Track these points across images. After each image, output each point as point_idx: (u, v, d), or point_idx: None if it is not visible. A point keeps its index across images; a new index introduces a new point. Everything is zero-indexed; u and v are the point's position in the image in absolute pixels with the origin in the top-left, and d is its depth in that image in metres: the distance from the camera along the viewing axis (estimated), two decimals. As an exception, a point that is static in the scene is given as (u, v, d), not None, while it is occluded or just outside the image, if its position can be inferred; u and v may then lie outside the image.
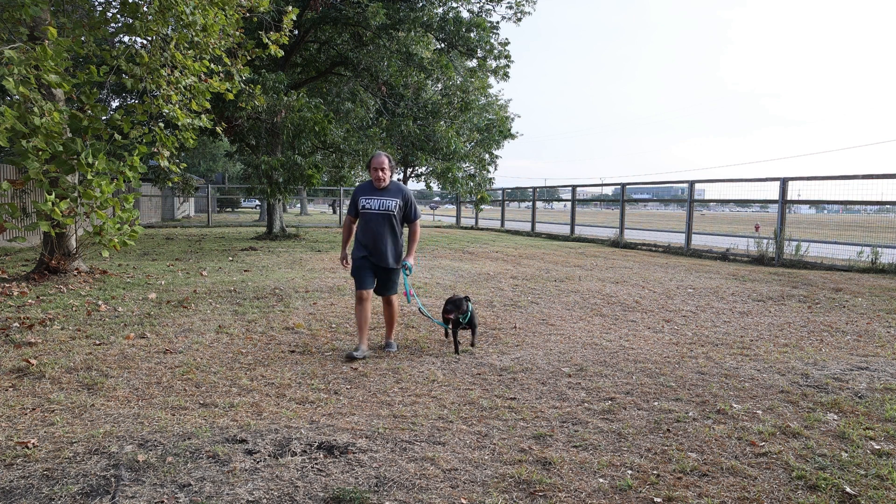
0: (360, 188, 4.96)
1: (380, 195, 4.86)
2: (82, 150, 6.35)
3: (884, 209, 13.60)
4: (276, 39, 8.67)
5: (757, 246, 11.94)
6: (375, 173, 4.83)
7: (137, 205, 21.40)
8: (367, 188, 4.93)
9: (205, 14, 7.22)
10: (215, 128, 10.29)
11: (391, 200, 4.85)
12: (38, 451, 2.95)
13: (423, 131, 15.13)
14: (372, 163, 4.90)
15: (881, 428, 3.35)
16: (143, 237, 15.55)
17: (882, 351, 5.07)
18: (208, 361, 4.52)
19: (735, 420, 3.48)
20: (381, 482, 2.70)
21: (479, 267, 10.30)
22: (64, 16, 7.56)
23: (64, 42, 6.02)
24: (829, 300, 7.40)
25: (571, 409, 3.64)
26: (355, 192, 4.97)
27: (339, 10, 14.76)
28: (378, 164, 4.84)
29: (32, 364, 4.26)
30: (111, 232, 6.70)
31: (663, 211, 40.19)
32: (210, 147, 38.36)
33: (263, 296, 7.10)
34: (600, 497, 2.59)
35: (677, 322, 6.16)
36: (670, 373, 4.38)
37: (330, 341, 5.17)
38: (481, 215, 25.03)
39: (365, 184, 5.00)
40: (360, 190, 4.96)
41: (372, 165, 4.89)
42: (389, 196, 4.86)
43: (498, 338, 5.39)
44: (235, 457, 2.92)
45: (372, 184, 4.92)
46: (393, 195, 4.89)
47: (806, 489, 2.68)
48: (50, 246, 8.08)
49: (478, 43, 15.27)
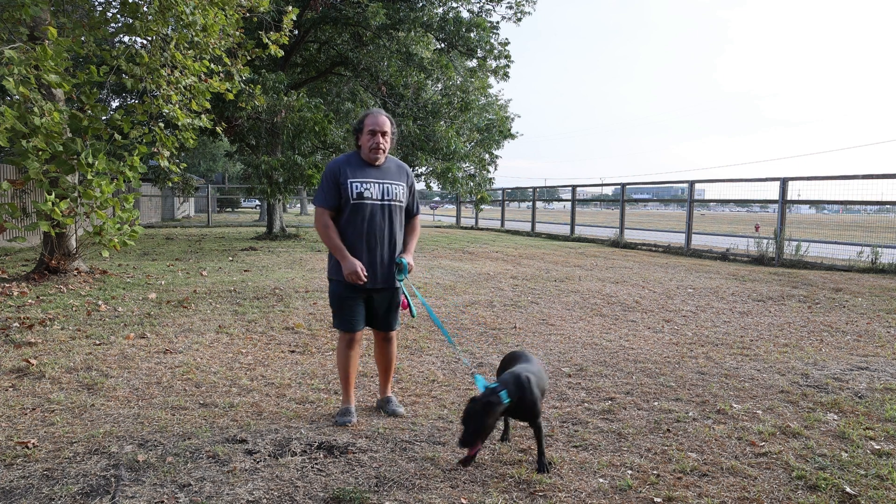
0: (341, 163, 3.29)
1: (379, 177, 3.32)
2: (82, 150, 6.35)
3: (884, 209, 13.60)
4: (276, 39, 8.67)
5: (757, 246, 11.94)
6: (373, 139, 3.25)
7: (137, 205, 21.40)
8: (354, 164, 3.29)
9: (205, 14, 7.22)
10: (215, 128, 10.29)
11: (397, 185, 3.35)
12: (38, 451, 2.95)
13: (423, 131, 15.12)
14: (366, 122, 3.26)
15: (881, 428, 3.35)
16: (143, 237, 15.55)
17: (882, 351, 5.07)
18: (208, 361, 4.52)
19: (735, 420, 3.48)
20: (381, 482, 2.70)
21: (479, 267, 10.30)
22: (64, 16, 7.56)
23: (64, 42, 6.02)
24: (829, 300, 7.40)
25: (571, 409, 3.64)
26: (334, 170, 3.27)
27: (339, 10, 14.75)
28: (377, 125, 3.24)
29: (32, 364, 4.26)
30: (111, 232, 6.70)
31: (663, 211, 40.18)
32: (210, 147, 38.34)
33: (263, 296, 7.10)
34: (600, 497, 2.59)
35: (677, 322, 6.16)
36: (670, 373, 4.38)
37: (330, 341, 5.17)
38: (481, 215, 25.03)
39: (349, 157, 3.32)
40: (342, 166, 3.27)
41: (366, 126, 3.25)
42: (392, 179, 3.36)
43: (498, 338, 5.39)
44: (235, 457, 2.92)
45: (360, 158, 3.32)
46: (396, 177, 3.38)
47: (806, 489, 2.68)
48: (50, 246, 8.08)
49: (478, 43, 15.27)
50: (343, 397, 3.51)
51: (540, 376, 2.90)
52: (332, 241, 3.26)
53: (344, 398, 3.51)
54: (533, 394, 2.77)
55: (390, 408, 3.55)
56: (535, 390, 2.78)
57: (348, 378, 3.45)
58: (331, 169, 3.29)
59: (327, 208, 3.27)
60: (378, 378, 3.75)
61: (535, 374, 2.86)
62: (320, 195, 3.29)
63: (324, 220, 3.28)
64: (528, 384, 2.77)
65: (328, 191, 3.26)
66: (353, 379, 3.47)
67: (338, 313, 3.37)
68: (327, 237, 3.27)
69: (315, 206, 3.32)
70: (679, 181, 15.88)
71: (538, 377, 2.87)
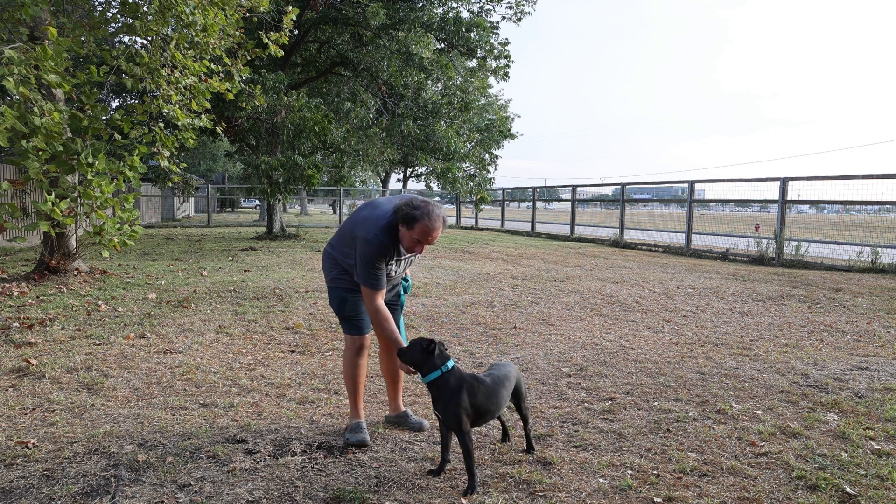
0: (382, 250, 2.94)
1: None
2: (82, 150, 6.35)
3: (884, 209, 13.61)
4: (276, 39, 8.67)
5: (757, 246, 11.94)
6: (419, 246, 2.97)
7: (137, 205, 21.41)
8: (389, 249, 2.98)
9: (205, 14, 7.22)
10: (215, 128, 10.29)
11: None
12: (38, 451, 2.95)
13: (423, 131, 15.13)
14: (418, 229, 2.87)
15: (881, 428, 3.35)
16: (143, 237, 15.55)
17: (882, 351, 5.07)
18: (208, 361, 4.52)
19: (735, 420, 3.48)
20: (381, 482, 2.70)
21: (479, 267, 10.31)
22: (64, 16, 7.56)
23: (64, 42, 6.02)
24: (829, 300, 7.40)
25: (571, 409, 3.64)
26: (380, 256, 2.95)
27: (339, 10, 14.76)
28: (432, 238, 2.92)
29: (32, 364, 4.26)
30: (111, 232, 6.70)
31: (663, 211, 40.20)
32: (210, 147, 38.37)
33: (263, 296, 7.10)
34: (600, 497, 2.59)
35: (677, 322, 6.16)
36: (670, 373, 4.38)
37: (330, 341, 5.17)
38: (481, 215, 25.03)
39: (385, 243, 2.95)
40: (383, 252, 2.95)
41: (418, 233, 2.88)
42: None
43: (498, 338, 5.39)
44: (235, 457, 2.92)
45: (396, 245, 3.01)
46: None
47: (806, 489, 2.68)
48: (50, 246, 8.08)
49: (478, 43, 15.28)
50: (352, 411, 3.25)
51: (490, 394, 2.76)
52: (389, 330, 2.98)
53: (353, 412, 3.24)
54: (457, 394, 2.67)
55: (411, 422, 3.34)
56: (462, 396, 2.66)
57: (357, 389, 3.24)
58: (378, 254, 2.95)
59: (384, 290, 3.04)
60: (387, 391, 3.47)
61: (486, 386, 2.76)
62: (378, 279, 2.97)
63: (384, 309, 3.00)
64: (462, 387, 2.69)
65: (380, 275, 2.98)
66: (362, 390, 3.29)
67: (347, 318, 3.21)
68: (386, 327, 2.98)
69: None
70: (679, 181, 15.89)
71: (488, 392, 2.75)
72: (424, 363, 2.73)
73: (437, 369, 2.71)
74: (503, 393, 2.84)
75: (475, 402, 2.71)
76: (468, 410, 2.68)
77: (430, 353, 2.73)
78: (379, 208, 3.05)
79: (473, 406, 2.70)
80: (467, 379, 2.74)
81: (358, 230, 3.00)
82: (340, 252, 3.16)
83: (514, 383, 2.94)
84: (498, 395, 2.80)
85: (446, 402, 2.67)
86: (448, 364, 2.73)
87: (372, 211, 3.06)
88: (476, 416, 2.73)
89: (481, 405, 2.73)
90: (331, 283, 3.23)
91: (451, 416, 2.65)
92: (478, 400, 2.72)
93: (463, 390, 2.69)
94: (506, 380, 2.89)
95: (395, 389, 3.40)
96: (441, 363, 2.72)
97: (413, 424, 3.34)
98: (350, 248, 3.06)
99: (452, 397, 2.67)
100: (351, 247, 3.05)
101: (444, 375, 2.71)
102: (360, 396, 3.26)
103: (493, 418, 2.88)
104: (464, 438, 2.63)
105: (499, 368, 2.95)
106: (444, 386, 2.69)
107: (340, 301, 3.19)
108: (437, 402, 2.71)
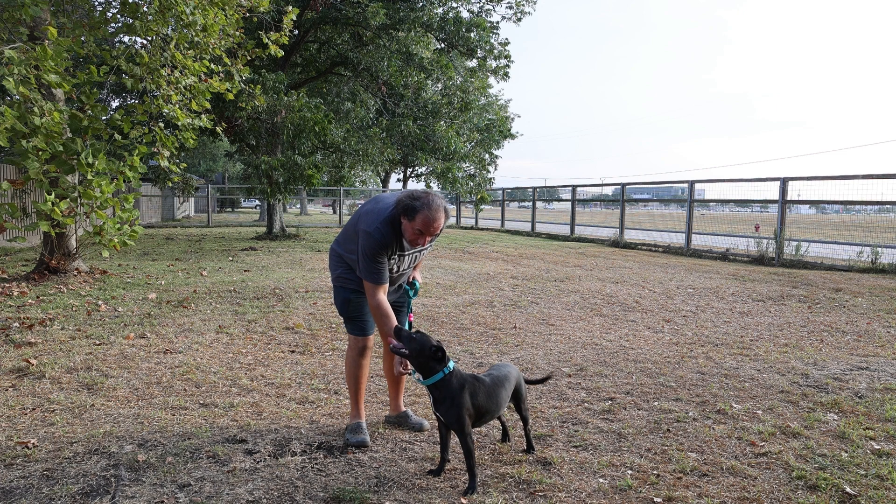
0: (384, 242, 2.92)
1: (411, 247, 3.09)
2: (82, 150, 6.35)
3: (884, 209, 13.60)
4: (276, 39, 8.67)
5: (757, 246, 11.94)
6: (421, 238, 2.93)
7: (137, 205, 21.41)
8: (391, 242, 2.95)
9: (205, 14, 7.22)
10: (215, 128, 10.29)
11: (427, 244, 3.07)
12: (38, 451, 2.95)
13: (423, 131, 15.13)
14: (419, 220, 2.84)
15: (881, 428, 3.35)
16: (143, 237, 15.55)
17: (882, 351, 5.07)
18: (208, 361, 4.52)
19: (735, 420, 3.48)
20: (381, 482, 2.70)
21: (479, 267, 10.31)
22: (64, 16, 7.56)
23: (64, 42, 6.02)
24: (829, 300, 7.40)
25: (571, 409, 3.64)
26: (381, 249, 2.92)
27: (339, 10, 14.76)
28: (434, 228, 2.89)
29: (32, 364, 4.26)
30: (111, 232, 6.70)
31: (663, 211, 40.18)
32: (210, 147, 38.37)
33: (263, 296, 7.10)
34: (600, 497, 2.59)
35: (677, 322, 6.16)
36: (670, 373, 4.38)
37: (330, 341, 5.17)
38: (481, 215, 25.03)
39: (387, 236, 2.92)
40: (384, 245, 2.92)
41: (419, 223, 2.85)
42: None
43: (498, 338, 5.39)
44: (235, 457, 2.92)
45: (398, 238, 2.98)
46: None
47: (806, 489, 2.68)
48: (50, 246, 8.08)
49: (478, 43, 15.28)
50: (353, 411, 3.25)
51: (491, 394, 2.78)
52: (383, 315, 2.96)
53: (354, 412, 3.24)
54: (458, 395, 2.67)
55: (412, 422, 3.34)
56: (464, 397, 2.67)
57: (359, 389, 3.23)
58: (380, 247, 2.93)
59: (385, 284, 3.00)
60: (388, 391, 3.47)
61: (486, 386, 2.77)
62: (380, 274, 2.95)
63: (383, 299, 2.97)
64: (463, 388, 2.69)
65: (383, 269, 2.96)
66: (363, 390, 3.28)
67: (350, 318, 3.19)
68: (380, 313, 2.95)
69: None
70: (679, 181, 15.89)
71: (488, 392, 2.77)
72: (429, 367, 2.71)
73: (438, 372, 2.72)
74: (503, 393, 2.85)
75: (476, 403, 2.72)
76: (470, 411, 2.69)
77: (438, 360, 2.69)
78: (382, 202, 3.06)
79: (475, 406, 2.72)
80: (468, 379, 2.75)
81: (360, 224, 3.01)
82: (345, 248, 3.18)
83: (514, 384, 2.95)
84: (498, 395, 2.81)
85: (449, 404, 2.67)
86: (449, 366, 2.73)
87: (375, 205, 3.07)
88: (477, 417, 2.74)
89: (482, 405, 2.75)
90: (336, 282, 3.22)
91: (453, 417, 2.66)
92: (479, 400, 2.73)
93: (465, 391, 2.70)
94: (506, 380, 2.90)
95: (397, 390, 3.40)
96: (442, 366, 2.73)
97: (413, 424, 3.34)
98: (353, 244, 3.06)
99: (455, 399, 2.67)
100: (354, 242, 3.05)
101: (446, 377, 2.71)
102: (361, 397, 3.26)
103: (493, 418, 2.89)
104: (465, 439, 2.64)
105: (499, 369, 2.97)
106: (446, 388, 2.69)
107: (344, 301, 3.19)
108: (438, 404, 2.70)
